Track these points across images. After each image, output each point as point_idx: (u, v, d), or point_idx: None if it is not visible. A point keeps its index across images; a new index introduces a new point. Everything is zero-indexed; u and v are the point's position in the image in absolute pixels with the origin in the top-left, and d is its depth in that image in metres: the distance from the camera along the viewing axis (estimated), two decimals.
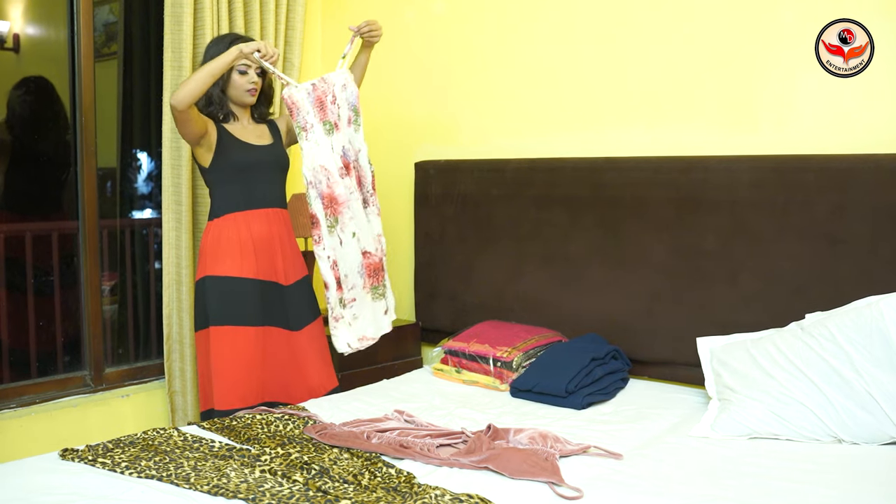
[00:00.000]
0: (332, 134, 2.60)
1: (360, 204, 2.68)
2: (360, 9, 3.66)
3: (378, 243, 2.76)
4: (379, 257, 2.76)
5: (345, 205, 2.62)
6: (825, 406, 2.09)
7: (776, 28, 2.54)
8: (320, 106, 2.59)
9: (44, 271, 3.14)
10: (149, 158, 3.45)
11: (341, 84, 2.66)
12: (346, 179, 2.62)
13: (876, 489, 1.79)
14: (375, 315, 2.76)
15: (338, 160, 2.61)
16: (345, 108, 2.66)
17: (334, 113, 2.62)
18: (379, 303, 2.77)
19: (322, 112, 2.59)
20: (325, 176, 2.57)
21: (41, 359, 3.11)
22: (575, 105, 3.01)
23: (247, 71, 2.69)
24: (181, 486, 1.83)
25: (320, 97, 2.60)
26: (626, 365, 2.72)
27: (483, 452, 1.99)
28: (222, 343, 2.61)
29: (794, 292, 2.45)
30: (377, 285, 2.75)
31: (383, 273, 2.79)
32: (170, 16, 3.03)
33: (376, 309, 2.76)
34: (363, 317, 2.70)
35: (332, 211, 2.58)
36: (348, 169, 2.64)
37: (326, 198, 2.56)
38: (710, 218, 2.61)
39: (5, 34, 3.11)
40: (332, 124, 2.60)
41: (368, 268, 2.71)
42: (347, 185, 2.63)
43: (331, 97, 2.62)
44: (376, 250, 2.75)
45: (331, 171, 2.58)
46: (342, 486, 1.83)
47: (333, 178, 2.58)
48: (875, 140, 2.38)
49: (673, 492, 1.79)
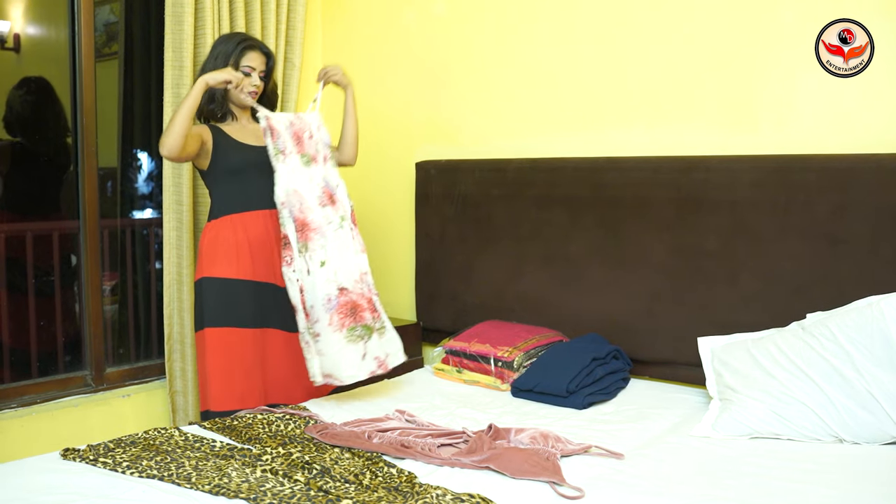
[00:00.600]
0: (310, 166, 2.63)
1: (339, 236, 2.61)
2: (361, 9, 3.66)
3: (362, 282, 2.61)
4: (359, 294, 2.58)
5: (317, 231, 2.56)
6: (826, 406, 2.09)
7: (776, 28, 2.54)
8: (297, 140, 2.63)
9: (44, 271, 3.14)
10: (149, 158, 3.46)
11: (316, 125, 2.71)
12: (326, 209, 2.60)
13: (877, 489, 1.79)
14: (347, 358, 2.51)
15: (318, 189, 2.61)
16: (322, 146, 2.69)
17: (312, 147, 2.65)
18: (355, 345, 2.52)
19: (299, 146, 2.63)
20: (298, 200, 2.56)
21: (42, 359, 3.11)
22: (575, 105, 3.01)
23: (250, 73, 2.69)
24: (182, 485, 1.83)
25: (297, 132, 2.64)
26: (627, 365, 2.72)
27: (484, 452, 1.99)
28: (217, 344, 2.61)
29: (795, 292, 2.45)
30: (354, 326, 2.52)
31: (367, 313, 2.57)
32: (171, 15, 3.03)
33: (350, 352, 2.50)
34: (330, 355, 2.50)
35: (302, 236, 2.56)
36: (331, 200, 2.63)
37: (298, 222, 2.55)
38: (710, 218, 2.61)
39: (6, 34, 3.11)
40: (309, 157, 2.63)
41: (344, 306, 2.53)
42: (327, 215, 2.60)
43: (308, 133, 2.66)
44: (359, 288, 2.59)
45: (304, 197, 2.58)
46: (343, 485, 1.83)
47: (306, 204, 2.57)
48: (875, 140, 2.38)
49: (674, 492, 1.79)
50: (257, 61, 2.71)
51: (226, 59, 2.66)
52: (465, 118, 3.34)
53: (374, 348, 2.57)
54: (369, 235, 3.69)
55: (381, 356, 2.57)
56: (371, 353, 2.56)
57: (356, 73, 3.70)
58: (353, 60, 3.71)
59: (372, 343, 2.56)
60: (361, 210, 3.69)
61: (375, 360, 2.56)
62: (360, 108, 3.70)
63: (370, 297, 2.62)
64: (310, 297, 2.52)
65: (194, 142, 2.58)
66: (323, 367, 2.52)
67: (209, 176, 2.69)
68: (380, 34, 3.60)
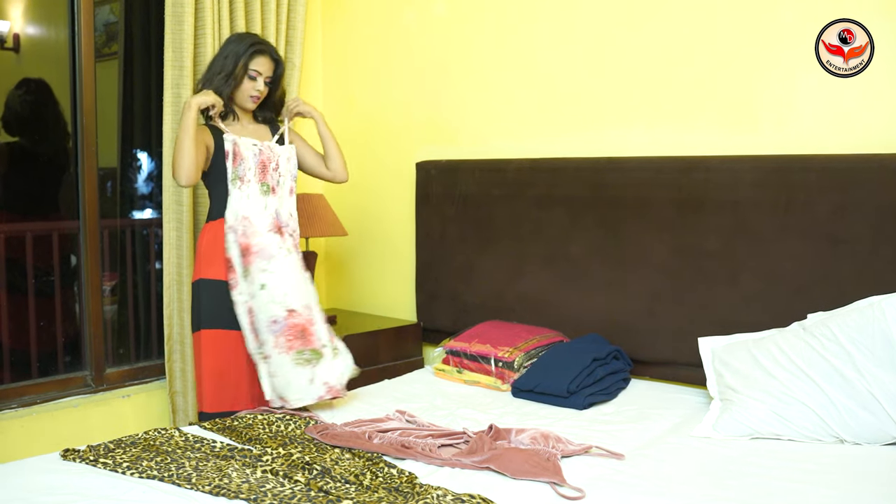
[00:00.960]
0: (267, 195, 2.68)
1: (289, 260, 2.63)
2: (361, 9, 3.66)
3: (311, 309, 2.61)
4: (307, 319, 2.57)
5: (258, 254, 2.59)
6: (827, 406, 2.09)
7: (776, 28, 2.54)
8: (262, 168, 2.67)
9: (44, 272, 3.14)
10: (149, 158, 3.45)
11: (286, 156, 2.76)
12: (275, 236, 2.64)
13: (878, 489, 1.79)
14: (297, 380, 2.51)
15: (269, 218, 2.66)
16: (287, 178, 2.75)
17: (274, 179, 2.70)
18: (303, 369, 2.51)
19: (262, 174, 2.67)
20: (244, 226, 2.61)
21: (42, 359, 3.11)
22: (576, 105, 3.01)
23: (256, 78, 2.68)
24: (182, 486, 1.83)
25: (264, 161, 2.68)
26: (627, 365, 2.72)
27: (485, 453, 1.99)
28: (212, 346, 2.62)
29: (796, 292, 2.45)
30: (302, 350, 2.52)
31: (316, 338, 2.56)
32: (171, 15, 3.03)
33: (298, 375, 2.51)
34: (281, 376, 2.51)
35: (244, 260, 2.60)
36: (279, 231, 2.67)
37: (242, 246, 2.60)
38: (711, 218, 2.60)
39: (6, 34, 3.11)
40: (269, 187, 2.68)
41: (292, 328, 2.54)
42: (276, 241, 2.63)
43: (274, 164, 2.71)
44: (308, 314, 2.59)
45: (252, 223, 2.62)
46: (344, 486, 1.83)
47: (252, 229, 2.62)
48: (875, 140, 2.38)
49: (674, 492, 1.79)
50: (265, 66, 2.69)
51: (235, 60, 2.66)
52: (466, 118, 3.34)
53: (323, 373, 2.53)
54: (369, 235, 3.69)
55: (330, 381, 2.53)
56: (319, 378, 2.52)
57: (356, 74, 3.71)
58: (353, 60, 3.71)
59: (321, 367, 2.53)
60: (362, 210, 3.70)
61: (325, 385, 2.52)
62: (361, 109, 3.71)
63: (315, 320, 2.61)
64: (256, 320, 2.57)
65: (201, 154, 2.62)
66: (274, 387, 2.55)
67: (209, 177, 2.69)
68: (380, 34, 3.60)
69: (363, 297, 3.73)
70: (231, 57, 2.67)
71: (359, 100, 3.72)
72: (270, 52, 2.72)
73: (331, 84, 3.81)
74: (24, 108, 3.14)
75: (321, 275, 3.80)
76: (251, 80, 2.68)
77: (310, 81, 3.76)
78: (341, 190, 3.71)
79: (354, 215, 3.67)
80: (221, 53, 2.70)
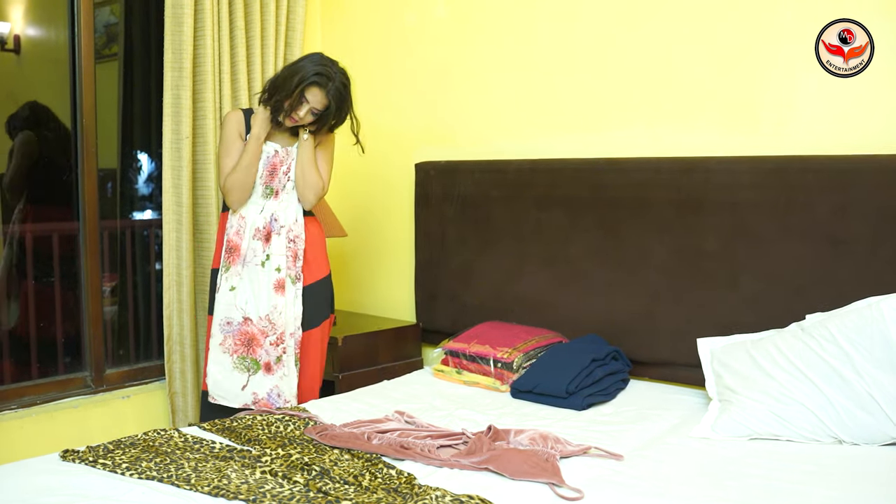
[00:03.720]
0: (268, 199, 2.70)
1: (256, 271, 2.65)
2: (360, 10, 3.66)
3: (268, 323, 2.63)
4: (260, 331, 2.63)
5: (240, 259, 2.66)
6: (826, 407, 2.09)
7: (776, 28, 2.54)
8: (271, 171, 2.69)
9: (44, 272, 3.14)
10: (149, 159, 3.46)
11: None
12: (256, 242, 2.67)
13: (876, 490, 1.79)
14: (230, 381, 2.66)
15: (260, 222, 2.68)
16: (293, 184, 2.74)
17: (281, 183, 2.71)
18: (240, 374, 2.65)
19: (270, 177, 2.69)
20: (240, 225, 2.67)
21: (42, 360, 3.11)
22: (575, 106, 3.01)
23: (304, 108, 2.59)
24: (182, 487, 1.83)
25: (275, 164, 2.70)
26: (626, 366, 2.72)
27: (484, 453, 1.99)
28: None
29: (795, 293, 2.44)
30: (244, 356, 2.65)
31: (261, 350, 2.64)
32: (170, 17, 3.03)
33: (234, 378, 2.65)
34: (212, 374, 2.67)
35: (229, 258, 2.67)
36: (268, 237, 2.68)
37: (231, 244, 2.67)
38: (710, 219, 2.60)
39: (6, 35, 3.11)
40: (273, 190, 2.70)
41: (243, 335, 2.65)
42: (254, 248, 2.66)
43: (285, 168, 2.71)
44: (262, 325, 2.64)
45: (246, 225, 2.67)
46: (343, 487, 1.83)
47: (244, 233, 2.66)
48: (875, 140, 2.38)
49: (673, 493, 1.79)
50: (316, 98, 2.60)
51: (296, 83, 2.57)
52: (465, 119, 3.34)
53: (256, 384, 2.66)
54: (369, 236, 3.69)
55: (259, 393, 2.67)
56: (251, 386, 2.67)
57: (356, 74, 3.69)
58: (353, 61, 3.70)
59: (257, 378, 2.66)
60: (361, 211, 3.70)
61: (252, 395, 2.66)
62: (360, 110, 3.67)
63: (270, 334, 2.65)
64: (216, 312, 2.67)
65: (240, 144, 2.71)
66: (211, 379, 2.67)
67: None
68: (379, 35, 3.60)
69: (362, 297, 3.73)
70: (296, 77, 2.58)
71: (358, 100, 3.70)
72: (328, 90, 2.59)
73: None
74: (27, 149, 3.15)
75: None
76: (301, 104, 2.60)
77: None
78: (341, 191, 3.71)
79: (354, 216, 3.67)
80: (294, 66, 2.63)
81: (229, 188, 2.64)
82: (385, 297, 3.64)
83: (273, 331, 2.66)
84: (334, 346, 3.04)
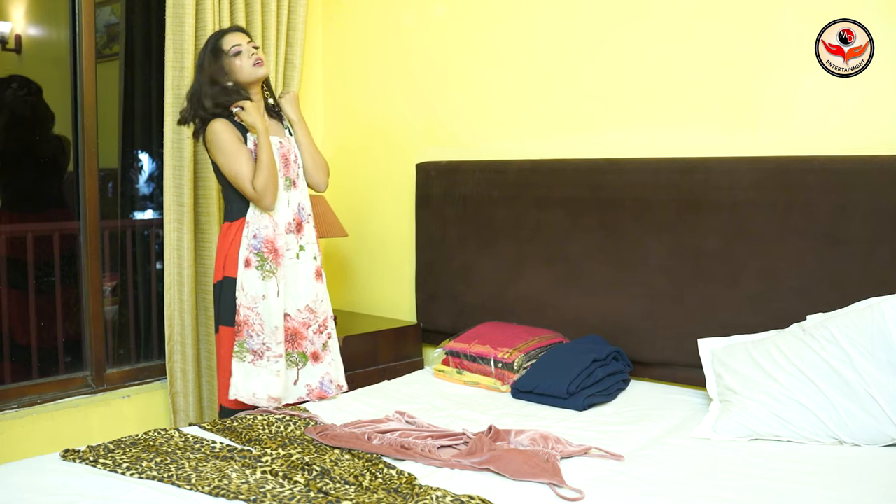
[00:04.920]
0: (290, 190, 2.67)
1: (293, 264, 2.64)
2: (361, 10, 3.66)
3: (309, 313, 2.65)
4: (301, 323, 2.64)
5: (283, 257, 2.62)
6: (826, 408, 2.09)
7: (776, 28, 2.54)
8: (285, 162, 2.68)
9: (45, 272, 3.14)
10: (150, 159, 3.46)
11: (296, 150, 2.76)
12: (289, 235, 2.64)
13: (877, 490, 1.79)
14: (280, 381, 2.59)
15: (290, 215, 2.66)
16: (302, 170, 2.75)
17: (294, 171, 2.70)
18: (290, 371, 2.64)
19: (286, 168, 2.68)
20: (272, 223, 2.61)
21: (42, 359, 3.11)
22: (576, 106, 3.01)
23: (240, 50, 2.64)
24: (182, 486, 1.83)
25: (285, 154, 2.68)
26: (627, 366, 2.71)
27: (484, 454, 1.99)
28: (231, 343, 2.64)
29: (796, 293, 2.44)
30: (291, 352, 2.64)
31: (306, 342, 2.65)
32: (171, 17, 3.03)
33: (286, 375, 2.62)
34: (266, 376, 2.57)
35: (274, 259, 2.59)
36: (299, 227, 2.67)
37: (269, 244, 2.59)
38: (710, 219, 2.60)
39: (7, 35, 3.11)
40: (291, 181, 2.68)
41: (287, 332, 2.63)
42: (288, 242, 2.64)
43: (293, 156, 2.71)
44: (301, 317, 2.65)
45: (278, 222, 2.62)
46: (343, 487, 1.83)
47: (279, 230, 2.62)
48: (875, 140, 2.37)
49: (674, 493, 1.79)
50: (238, 38, 2.67)
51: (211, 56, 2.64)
52: (466, 119, 3.34)
53: (308, 375, 2.67)
54: (370, 236, 3.69)
55: (312, 384, 2.67)
56: (303, 379, 2.67)
57: (356, 74, 3.71)
58: (353, 61, 3.71)
59: (306, 370, 2.67)
60: (362, 211, 3.70)
61: (306, 388, 2.67)
62: (361, 110, 3.71)
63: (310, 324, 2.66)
64: (266, 320, 2.57)
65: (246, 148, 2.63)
66: (251, 385, 2.56)
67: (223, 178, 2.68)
68: (380, 35, 3.60)
69: (363, 297, 3.73)
70: (206, 60, 2.65)
71: (359, 101, 3.72)
72: (231, 29, 2.71)
73: (331, 85, 3.81)
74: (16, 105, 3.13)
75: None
76: (237, 55, 2.63)
77: (310, 82, 3.76)
78: (341, 191, 3.71)
79: (355, 216, 3.67)
80: (199, 68, 2.69)
81: (263, 190, 2.54)
82: (386, 298, 3.64)
83: (315, 319, 2.67)
84: None
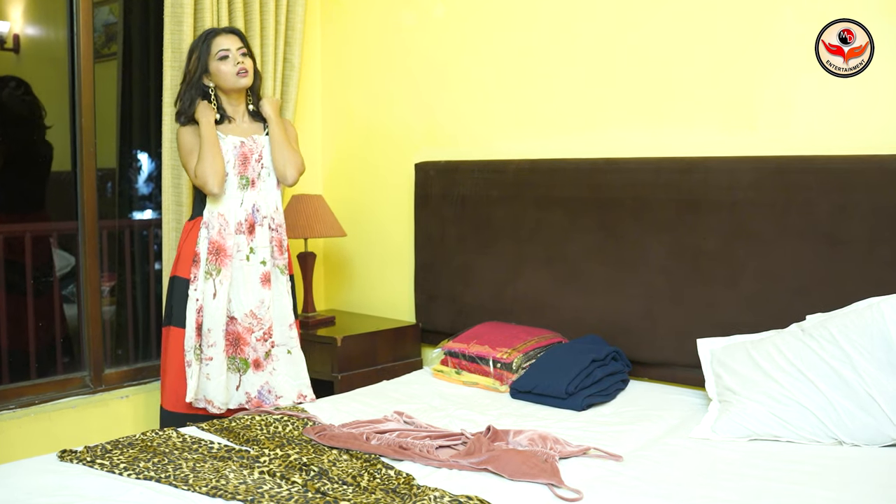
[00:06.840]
0: (245, 189, 2.67)
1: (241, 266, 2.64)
2: (360, 9, 3.66)
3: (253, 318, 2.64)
4: (245, 328, 2.64)
5: (230, 258, 2.62)
6: (826, 408, 2.09)
7: (776, 28, 2.53)
8: (243, 161, 2.67)
9: (43, 272, 3.13)
10: (149, 159, 3.45)
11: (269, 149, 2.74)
12: (239, 236, 2.64)
13: (876, 491, 1.79)
14: (227, 384, 2.64)
15: (242, 214, 2.65)
16: (272, 170, 2.72)
17: (255, 171, 2.69)
18: (233, 375, 2.66)
19: (243, 167, 2.67)
20: (220, 224, 2.62)
21: (40, 360, 3.10)
22: (575, 106, 3.00)
23: (227, 55, 2.65)
24: (179, 487, 1.82)
25: (245, 153, 2.67)
26: (626, 366, 2.71)
27: (482, 454, 1.99)
28: (177, 344, 2.64)
29: (795, 293, 2.44)
30: (233, 356, 2.65)
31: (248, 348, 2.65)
32: (170, 16, 3.02)
33: (229, 379, 2.64)
34: (212, 379, 2.61)
35: (216, 260, 2.61)
36: (251, 229, 2.66)
37: (214, 244, 2.61)
38: (710, 219, 2.60)
39: (5, 35, 3.11)
40: (249, 180, 2.67)
41: (230, 335, 2.64)
42: (238, 243, 2.64)
43: (257, 156, 2.70)
44: (247, 322, 2.64)
45: (227, 222, 2.63)
46: (341, 487, 1.82)
47: (228, 230, 2.62)
48: (875, 140, 2.37)
49: (673, 493, 1.78)
50: (229, 41, 2.67)
51: (198, 55, 2.66)
52: (465, 119, 3.34)
53: (247, 383, 2.67)
54: (368, 236, 3.69)
55: (251, 392, 2.67)
56: (244, 386, 2.68)
57: (355, 74, 3.71)
58: (352, 61, 3.71)
59: (247, 377, 2.67)
60: (361, 211, 3.70)
61: (245, 395, 2.67)
62: (359, 109, 3.71)
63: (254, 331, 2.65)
64: (209, 320, 2.59)
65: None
66: (202, 388, 2.59)
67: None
68: (379, 35, 3.60)
69: (362, 297, 3.73)
70: (194, 57, 2.67)
71: (358, 100, 3.72)
72: (224, 30, 2.71)
73: (330, 84, 3.81)
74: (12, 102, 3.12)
75: (319, 276, 3.80)
76: (223, 60, 2.65)
77: (309, 82, 3.75)
78: (340, 191, 3.71)
79: (353, 216, 3.67)
80: (187, 64, 2.71)
81: (202, 175, 2.57)
82: (384, 298, 3.64)
83: (259, 326, 2.65)
84: (333, 346, 3.04)
